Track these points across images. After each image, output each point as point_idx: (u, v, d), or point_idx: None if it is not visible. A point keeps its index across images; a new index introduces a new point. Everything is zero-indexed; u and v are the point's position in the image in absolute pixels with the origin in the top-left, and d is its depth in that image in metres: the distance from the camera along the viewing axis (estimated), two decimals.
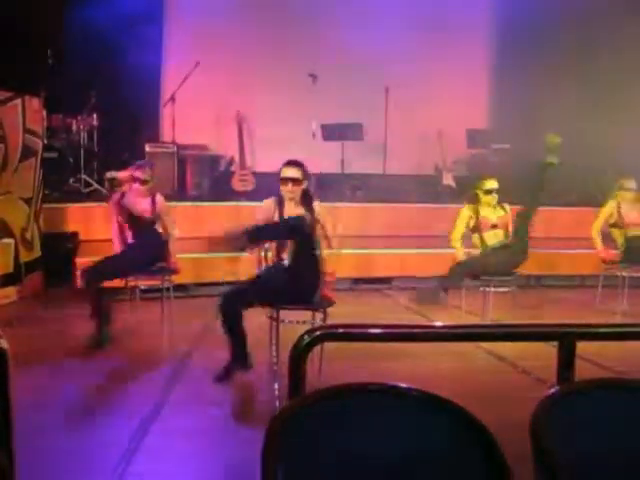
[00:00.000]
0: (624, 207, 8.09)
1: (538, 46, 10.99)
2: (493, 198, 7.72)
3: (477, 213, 7.73)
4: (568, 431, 1.96)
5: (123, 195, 6.80)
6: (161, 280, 6.94)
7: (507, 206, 7.91)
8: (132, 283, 6.97)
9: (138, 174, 6.80)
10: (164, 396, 5.19)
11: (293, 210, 5.65)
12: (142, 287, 6.99)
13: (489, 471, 1.89)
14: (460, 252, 7.79)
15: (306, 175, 5.82)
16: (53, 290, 8.30)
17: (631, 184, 8.08)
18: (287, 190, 5.69)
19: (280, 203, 5.79)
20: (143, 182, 6.78)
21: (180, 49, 11.31)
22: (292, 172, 5.73)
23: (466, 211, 7.82)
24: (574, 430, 1.97)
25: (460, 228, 7.82)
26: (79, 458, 4.13)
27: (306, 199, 5.74)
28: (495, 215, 7.76)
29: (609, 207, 8.17)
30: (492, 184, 7.75)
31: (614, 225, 8.16)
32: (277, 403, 4.95)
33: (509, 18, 11.96)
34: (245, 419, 4.80)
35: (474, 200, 7.80)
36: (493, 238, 7.66)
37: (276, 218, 5.69)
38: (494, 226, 7.68)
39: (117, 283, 6.98)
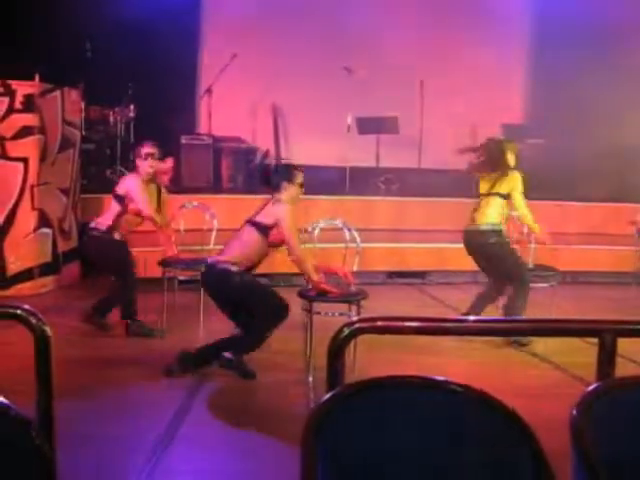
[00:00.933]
0: None
1: (576, 40, 10.85)
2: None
3: None
4: (609, 428, 1.94)
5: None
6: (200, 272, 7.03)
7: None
8: (170, 274, 7.03)
9: (147, 149, 6.68)
10: (198, 387, 5.23)
11: None
12: (180, 278, 7.04)
13: (531, 468, 1.88)
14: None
15: None
16: (89, 280, 8.39)
17: None
18: None
19: None
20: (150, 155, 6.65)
21: (217, 41, 11.36)
22: None
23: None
24: (615, 427, 1.95)
25: None
26: (117, 444, 4.18)
27: None
28: None
29: None
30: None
31: None
32: (311, 395, 4.97)
33: (547, 10, 11.84)
34: (279, 411, 4.82)
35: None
36: None
37: None
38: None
39: (155, 273, 7.09)
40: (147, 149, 6.61)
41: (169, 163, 10.59)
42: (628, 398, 2.01)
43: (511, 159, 6.72)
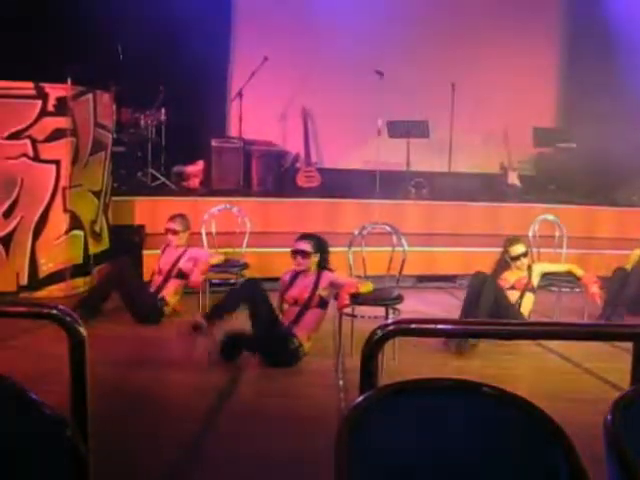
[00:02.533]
0: None
1: (610, 43, 10.76)
2: (522, 264, 6.84)
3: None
4: None
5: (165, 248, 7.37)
6: (234, 275, 7.26)
7: (535, 266, 7.03)
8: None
9: (170, 225, 7.28)
10: (229, 388, 5.24)
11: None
12: (214, 281, 7.08)
13: (565, 473, 1.86)
14: None
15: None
16: None
17: None
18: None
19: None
20: (174, 232, 7.21)
21: (248, 44, 11.39)
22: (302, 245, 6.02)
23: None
24: None
25: None
26: (149, 439, 4.19)
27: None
28: (515, 276, 6.90)
29: None
30: (519, 249, 6.86)
31: None
32: (342, 397, 4.96)
33: (580, 14, 11.75)
34: (309, 413, 4.80)
35: (503, 266, 6.94)
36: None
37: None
38: (512, 287, 6.82)
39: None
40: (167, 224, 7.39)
41: (199, 166, 10.69)
42: None
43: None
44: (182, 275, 7.09)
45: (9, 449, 1.81)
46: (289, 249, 8.78)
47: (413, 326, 2.24)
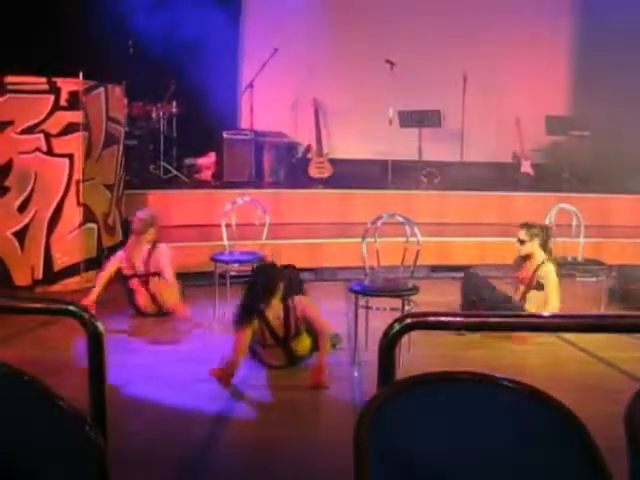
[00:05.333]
0: None
1: (623, 29, 10.67)
2: (519, 249, 6.79)
3: None
4: None
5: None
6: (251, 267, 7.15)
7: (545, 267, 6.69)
8: (222, 269, 7.12)
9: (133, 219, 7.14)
10: (244, 382, 5.26)
11: None
12: (232, 273, 7.10)
13: (585, 464, 1.85)
14: None
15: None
16: None
17: None
18: None
19: None
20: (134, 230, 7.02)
21: (258, 36, 11.37)
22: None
23: None
24: None
25: None
26: (167, 431, 4.21)
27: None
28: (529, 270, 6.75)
29: None
30: (519, 234, 6.78)
31: None
32: (356, 390, 4.96)
33: (593, 1, 11.66)
34: (324, 405, 4.81)
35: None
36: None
37: None
38: (521, 281, 6.81)
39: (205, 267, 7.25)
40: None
41: (211, 158, 10.69)
42: None
43: None
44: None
45: (27, 445, 1.82)
46: (301, 240, 8.85)
47: (431, 319, 2.22)
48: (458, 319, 2.27)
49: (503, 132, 11.65)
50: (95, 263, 8.06)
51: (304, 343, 5.40)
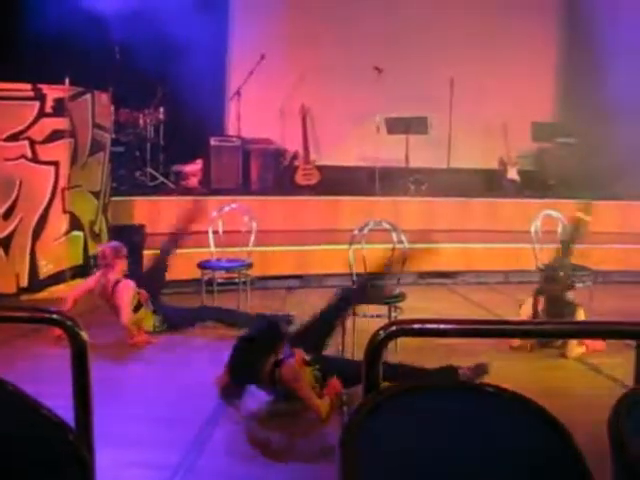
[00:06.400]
0: None
1: (608, 37, 10.73)
2: None
3: None
4: None
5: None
6: (238, 274, 7.26)
7: None
8: (209, 276, 7.11)
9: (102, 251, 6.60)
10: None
11: None
12: (219, 280, 7.09)
13: (569, 473, 1.85)
14: None
15: None
16: None
17: None
18: None
19: None
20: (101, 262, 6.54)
21: (245, 42, 11.36)
22: None
23: None
24: None
25: None
26: (150, 444, 4.19)
27: None
28: None
29: None
30: None
31: None
32: (344, 398, 4.94)
33: (578, 7, 11.73)
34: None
35: None
36: None
37: None
38: None
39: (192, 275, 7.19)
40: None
41: (198, 165, 10.68)
42: None
43: None
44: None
45: (11, 454, 1.80)
46: (288, 247, 8.84)
47: (416, 326, 2.22)
48: (443, 326, 2.27)
49: (489, 139, 11.69)
50: (81, 271, 8.02)
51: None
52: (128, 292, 6.38)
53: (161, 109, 10.60)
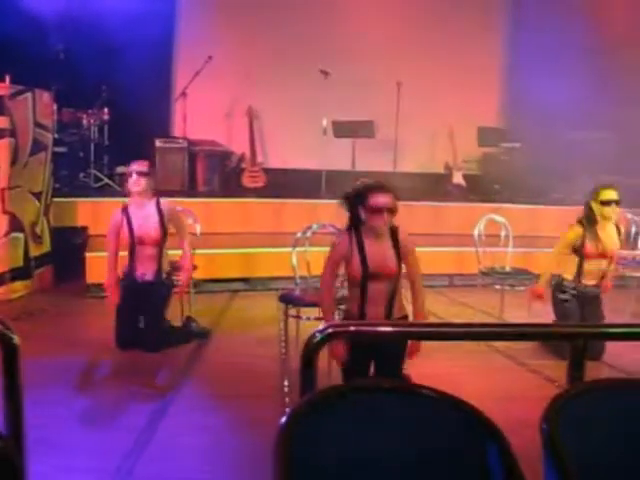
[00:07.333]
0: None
1: (553, 44, 10.91)
2: (612, 211, 6.17)
3: (584, 239, 6.26)
4: (578, 431, 1.94)
5: (126, 211, 6.31)
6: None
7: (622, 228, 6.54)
8: None
9: (136, 167, 6.37)
10: (176, 388, 5.21)
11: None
12: None
13: (501, 473, 1.87)
14: (543, 281, 6.43)
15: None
16: (62, 285, 8.31)
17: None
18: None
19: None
20: (143, 174, 6.34)
21: (192, 43, 11.27)
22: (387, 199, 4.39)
23: (574, 235, 6.36)
24: (584, 430, 1.96)
25: (563, 251, 6.48)
26: (89, 448, 4.14)
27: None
28: (610, 241, 6.29)
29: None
30: (611, 194, 6.18)
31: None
32: (287, 400, 4.94)
33: (523, 14, 11.91)
34: (254, 416, 4.78)
35: (589, 219, 6.29)
36: (595, 267, 6.30)
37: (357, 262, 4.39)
38: (602, 255, 6.27)
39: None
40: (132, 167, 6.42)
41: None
42: (598, 401, 2.01)
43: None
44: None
45: None
46: (234, 250, 8.80)
47: (352, 329, 2.24)
48: (379, 329, 2.29)
49: (436, 143, 11.81)
50: (22, 273, 7.88)
51: None
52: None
53: (105, 109, 10.46)
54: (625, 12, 11.17)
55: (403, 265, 4.51)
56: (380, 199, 4.35)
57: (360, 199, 4.40)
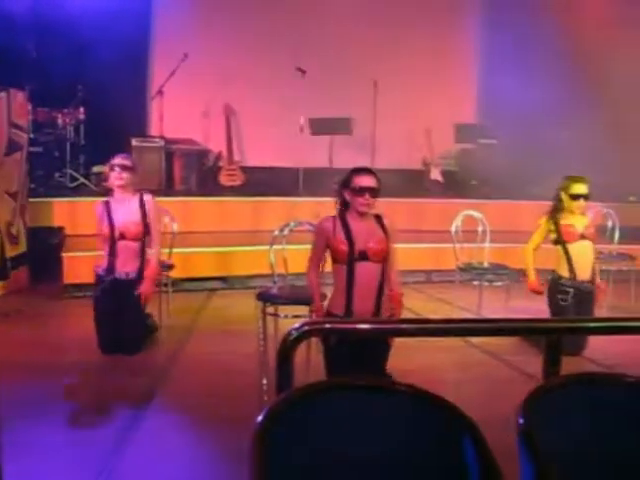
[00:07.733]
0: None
1: (528, 42, 10.98)
2: (580, 206, 6.39)
3: (557, 223, 6.48)
4: (554, 425, 1.95)
5: (108, 205, 6.22)
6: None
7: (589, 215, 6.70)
8: None
9: (119, 160, 6.28)
10: (154, 387, 5.19)
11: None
12: None
13: (478, 469, 1.88)
14: (532, 274, 6.65)
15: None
16: (39, 285, 8.25)
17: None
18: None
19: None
20: (126, 168, 6.25)
21: (168, 41, 11.21)
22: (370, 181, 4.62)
23: (545, 225, 6.61)
24: (560, 424, 1.97)
25: (536, 241, 6.72)
26: (67, 452, 4.11)
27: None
28: (581, 224, 6.46)
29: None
30: (580, 188, 6.38)
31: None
32: (265, 398, 4.93)
33: (499, 12, 11.96)
34: (232, 414, 4.76)
35: (557, 208, 6.51)
36: (582, 253, 6.41)
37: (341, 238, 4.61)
38: (582, 236, 6.41)
39: None
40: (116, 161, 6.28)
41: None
42: (573, 396, 2.02)
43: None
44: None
45: None
46: (212, 249, 8.77)
47: (328, 326, 2.23)
48: (355, 326, 2.28)
49: (413, 140, 11.82)
50: None
51: None
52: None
53: (81, 109, 10.37)
54: (596, 12, 11.26)
55: None
56: (364, 180, 4.59)
57: (345, 182, 4.65)
